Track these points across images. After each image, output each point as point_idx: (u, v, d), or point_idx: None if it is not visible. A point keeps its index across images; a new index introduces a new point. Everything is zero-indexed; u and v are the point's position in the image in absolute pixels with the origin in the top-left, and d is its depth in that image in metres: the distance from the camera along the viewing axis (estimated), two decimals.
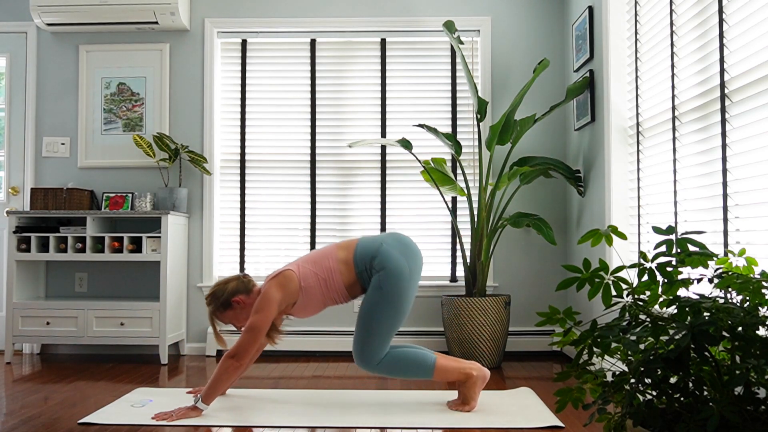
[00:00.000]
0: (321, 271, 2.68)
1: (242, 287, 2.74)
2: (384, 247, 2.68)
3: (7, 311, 3.90)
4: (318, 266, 2.69)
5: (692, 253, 1.57)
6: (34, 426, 2.49)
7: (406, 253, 2.69)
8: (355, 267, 2.68)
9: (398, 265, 2.64)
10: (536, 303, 4.20)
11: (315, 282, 2.67)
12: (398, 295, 2.63)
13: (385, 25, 4.28)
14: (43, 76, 4.35)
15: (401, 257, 2.66)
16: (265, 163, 4.32)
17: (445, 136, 3.78)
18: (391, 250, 2.66)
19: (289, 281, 2.65)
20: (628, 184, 3.32)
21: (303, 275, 2.67)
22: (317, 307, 2.74)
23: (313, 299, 2.70)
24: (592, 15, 3.65)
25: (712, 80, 2.42)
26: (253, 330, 2.58)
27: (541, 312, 1.70)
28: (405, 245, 2.72)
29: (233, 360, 2.58)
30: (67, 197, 4.01)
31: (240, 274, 2.80)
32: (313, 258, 2.73)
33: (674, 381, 1.45)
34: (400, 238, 2.75)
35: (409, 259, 2.68)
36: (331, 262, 2.69)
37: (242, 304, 2.72)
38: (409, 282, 2.65)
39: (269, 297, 2.61)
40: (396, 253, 2.66)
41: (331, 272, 2.68)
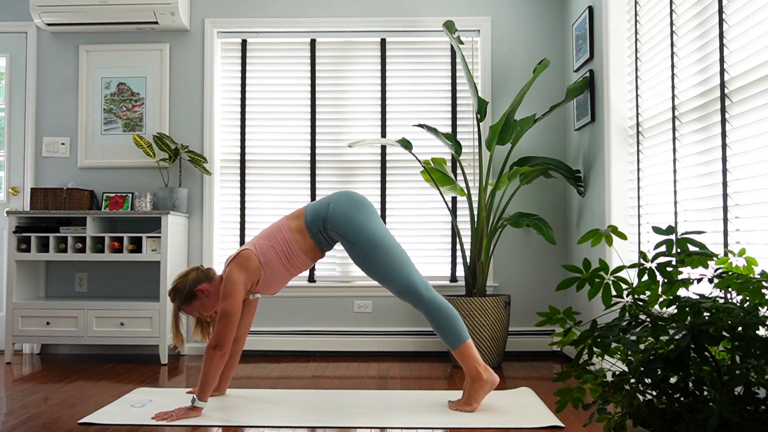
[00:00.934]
0: (277, 244, 2.72)
1: (203, 276, 2.76)
2: (331, 206, 2.74)
3: (7, 311, 3.90)
4: (273, 239, 2.73)
5: (692, 253, 1.57)
6: (34, 426, 2.49)
7: (352, 204, 2.75)
8: (308, 232, 2.75)
9: (349, 216, 2.71)
10: (536, 303, 4.20)
11: (274, 255, 2.71)
12: (369, 236, 2.69)
13: (385, 25, 4.28)
14: (43, 76, 4.35)
15: (348, 209, 2.73)
16: (265, 163, 4.32)
17: (445, 136, 3.78)
18: (338, 208, 2.73)
19: (248, 260, 2.68)
20: (628, 184, 3.32)
21: (261, 251, 2.71)
22: (282, 280, 2.79)
23: (276, 272, 2.73)
24: (592, 15, 3.65)
25: (712, 80, 2.42)
26: (227, 316, 2.60)
27: (541, 312, 1.70)
28: (349, 198, 2.78)
29: (216, 350, 2.59)
30: (67, 197, 4.01)
31: (197, 265, 2.82)
32: (266, 233, 2.77)
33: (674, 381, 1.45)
34: (344, 193, 2.82)
35: (356, 208, 2.74)
36: (285, 233, 2.74)
37: (206, 292, 2.73)
38: (368, 222, 2.72)
39: (233, 279, 2.63)
40: (343, 208, 2.73)
41: (287, 242, 2.73)
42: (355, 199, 2.79)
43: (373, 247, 2.69)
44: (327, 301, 4.21)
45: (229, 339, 2.60)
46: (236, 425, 2.49)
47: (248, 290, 2.74)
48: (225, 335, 2.60)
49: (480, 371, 2.69)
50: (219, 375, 2.63)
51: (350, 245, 2.71)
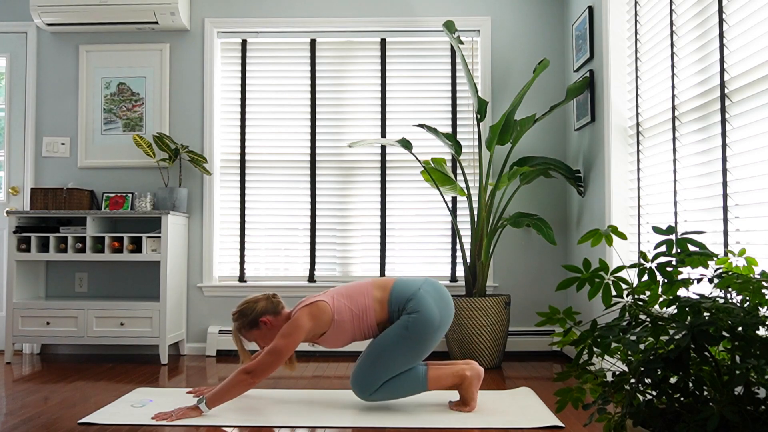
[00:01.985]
0: (355, 307, 2.68)
1: (271, 308, 2.73)
2: (421, 292, 2.68)
3: (7, 311, 3.90)
4: (353, 302, 2.69)
5: (692, 253, 1.57)
6: (34, 426, 2.49)
7: (441, 303, 2.70)
8: (389, 307, 2.69)
9: (431, 313, 2.64)
10: (536, 303, 4.20)
11: (348, 317, 2.67)
12: (422, 341, 2.63)
13: (385, 25, 4.28)
14: (43, 76, 4.35)
15: (435, 306, 2.67)
16: (265, 163, 4.32)
17: (445, 136, 3.78)
18: (427, 297, 2.67)
19: (322, 312, 2.64)
20: (628, 184, 3.32)
21: (337, 309, 2.67)
22: (346, 340, 2.74)
23: (344, 332, 2.70)
24: (592, 15, 3.65)
25: (712, 80, 2.42)
26: (277, 353, 2.57)
27: (541, 312, 1.70)
28: (441, 294, 2.73)
29: (248, 376, 2.57)
30: (67, 197, 4.01)
31: (269, 294, 2.78)
32: (348, 293, 2.73)
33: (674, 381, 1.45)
34: (437, 286, 2.76)
35: (441, 310, 2.69)
36: (366, 300, 2.70)
37: (269, 324, 2.70)
38: (436, 332, 2.66)
39: (299, 324, 2.60)
40: (431, 300, 2.67)
41: (365, 309, 2.68)
42: (445, 300, 2.72)
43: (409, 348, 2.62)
44: None
45: (267, 373, 2.58)
46: (237, 425, 2.49)
47: (308, 339, 2.71)
48: (266, 370, 2.57)
49: (460, 374, 2.68)
50: (236, 397, 2.62)
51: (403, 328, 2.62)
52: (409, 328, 2.62)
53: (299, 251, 4.29)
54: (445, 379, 2.68)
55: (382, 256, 4.25)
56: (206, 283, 4.21)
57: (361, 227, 4.29)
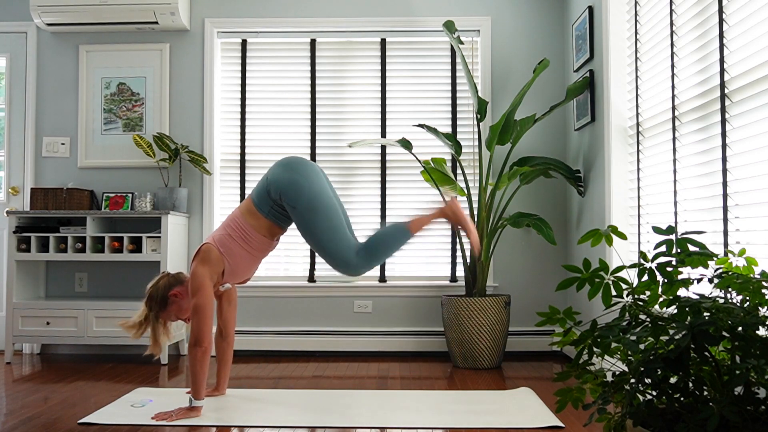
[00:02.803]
0: (233, 231, 2.72)
1: (174, 280, 2.77)
2: (270, 177, 2.72)
3: (7, 311, 3.90)
4: (228, 228, 2.74)
5: (692, 253, 1.57)
6: (34, 426, 2.49)
7: (290, 168, 2.71)
8: (260, 211, 2.72)
9: (288, 180, 2.66)
10: (536, 303, 4.20)
11: (232, 243, 2.70)
12: (309, 198, 2.65)
13: (385, 25, 4.28)
14: (43, 76, 4.35)
15: (287, 173, 2.69)
16: (265, 163, 4.32)
17: (445, 136, 3.78)
18: (276, 176, 2.70)
19: (208, 253, 2.68)
20: (628, 184, 3.32)
21: (219, 242, 2.70)
22: (248, 265, 2.78)
23: (239, 258, 2.73)
24: (592, 15, 3.65)
25: (712, 80, 2.42)
26: (199, 310, 2.61)
27: (541, 312, 1.70)
28: (287, 163, 2.74)
29: (197, 347, 2.60)
30: (67, 197, 4.01)
31: (165, 271, 2.83)
32: (223, 224, 2.78)
33: (674, 381, 1.45)
34: (281, 161, 2.78)
35: (295, 170, 2.69)
36: (238, 220, 2.74)
37: (180, 295, 2.74)
38: (308, 184, 2.66)
39: (197, 274, 2.65)
40: (282, 173, 2.69)
41: (241, 227, 2.72)
42: (292, 162, 2.74)
43: (314, 212, 2.64)
44: (327, 301, 4.21)
45: (206, 333, 2.61)
46: (236, 425, 2.49)
47: (216, 282, 2.74)
48: (202, 330, 2.60)
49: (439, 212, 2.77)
50: (207, 371, 2.63)
51: (292, 210, 2.66)
52: (293, 204, 2.64)
53: (299, 251, 4.29)
54: (425, 220, 2.74)
55: None
56: None
57: (361, 227, 4.28)
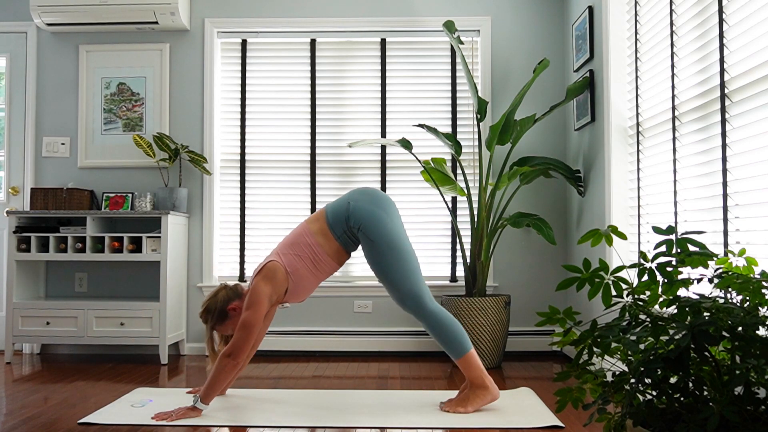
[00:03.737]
0: (302, 251, 2.69)
1: (232, 294, 2.74)
2: (352, 204, 2.71)
3: (7, 311, 3.90)
4: (297, 247, 2.70)
5: (692, 253, 1.57)
6: (34, 426, 2.49)
7: (374, 201, 2.72)
8: (333, 234, 2.71)
9: (372, 213, 2.67)
10: (536, 303, 4.20)
11: (300, 264, 2.68)
12: (389, 236, 2.66)
13: (385, 25, 4.28)
14: (43, 76, 4.35)
15: (371, 206, 2.70)
16: (265, 163, 4.32)
17: (445, 136, 3.78)
18: (359, 205, 2.70)
19: (275, 272, 2.65)
20: (628, 184, 3.32)
21: (287, 262, 2.68)
22: (311, 286, 2.76)
23: (305, 280, 2.71)
24: (592, 15, 3.65)
25: (712, 80, 2.42)
26: (246, 326, 2.58)
27: (541, 312, 1.70)
28: (371, 195, 2.75)
29: (230, 359, 2.58)
30: (67, 197, 4.01)
31: (223, 284, 2.80)
32: (289, 242, 2.74)
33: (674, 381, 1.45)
34: (365, 190, 2.78)
35: (379, 205, 2.71)
36: (308, 238, 2.71)
37: (238, 309, 2.71)
38: (390, 222, 2.69)
39: (258, 292, 2.62)
40: (366, 205, 2.70)
41: (311, 248, 2.70)
42: (376, 196, 2.75)
43: (390, 249, 2.65)
44: (327, 301, 4.21)
45: (245, 349, 2.58)
46: (236, 425, 2.49)
47: (276, 301, 2.72)
48: (242, 345, 2.57)
49: (486, 381, 2.67)
50: (228, 382, 2.62)
51: (369, 243, 2.67)
52: (372, 238, 2.65)
53: None
54: (474, 370, 2.67)
55: None
56: (206, 283, 4.21)
57: None
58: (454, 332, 2.67)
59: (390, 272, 2.66)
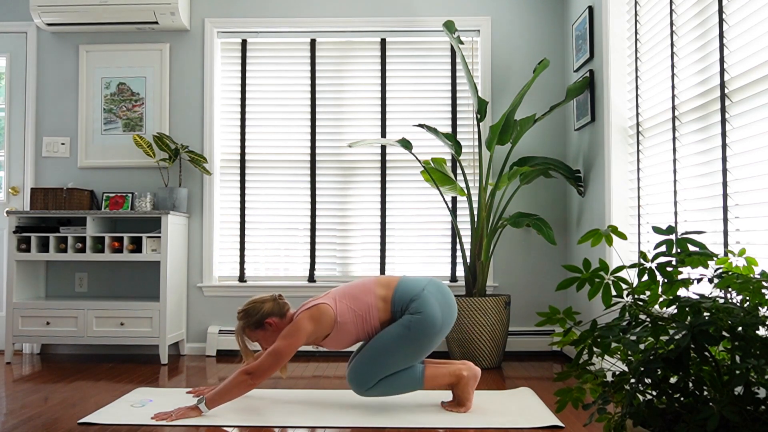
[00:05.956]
0: (359, 308, 2.67)
1: (277, 310, 2.72)
2: (425, 292, 2.66)
3: (7, 311, 3.90)
4: (356, 302, 2.68)
5: (692, 253, 1.57)
6: (34, 426, 2.49)
7: (444, 305, 2.68)
8: (392, 306, 2.68)
9: (434, 314, 2.63)
10: (536, 303, 4.20)
11: (351, 318, 2.66)
12: (423, 342, 2.62)
13: (385, 25, 4.28)
14: (43, 76, 4.35)
15: (439, 307, 2.65)
16: (265, 163, 4.32)
17: (445, 136, 3.78)
18: (431, 298, 2.66)
19: (323, 315, 2.63)
20: (628, 184, 3.32)
21: (340, 311, 2.65)
22: (350, 341, 2.73)
23: (347, 334, 2.69)
24: (592, 15, 3.65)
25: (712, 80, 2.42)
26: (278, 355, 2.57)
27: (541, 312, 1.70)
28: (445, 296, 2.71)
29: (249, 377, 2.56)
30: (67, 197, 4.01)
31: (276, 295, 2.77)
32: (351, 293, 2.71)
33: (674, 381, 1.45)
34: (442, 288, 2.74)
35: (444, 312, 2.67)
36: (369, 299, 2.69)
37: (274, 326, 2.70)
38: (437, 334, 2.64)
39: (300, 327, 2.60)
40: (435, 302, 2.66)
41: (369, 309, 2.67)
42: (449, 301, 2.71)
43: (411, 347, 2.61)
44: None
45: (267, 374, 2.57)
46: (237, 425, 2.49)
47: (313, 341, 2.71)
48: (266, 371, 2.56)
49: (457, 374, 2.68)
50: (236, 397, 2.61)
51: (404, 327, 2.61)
52: (411, 329, 2.61)
53: (299, 251, 4.29)
54: (441, 378, 2.68)
55: (382, 256, 4.25)
56: (206, 283, 4.21)
57: (361, 227, 4.29)
58: (399, 382, 2.66)
59: (385, 357, 2.62)
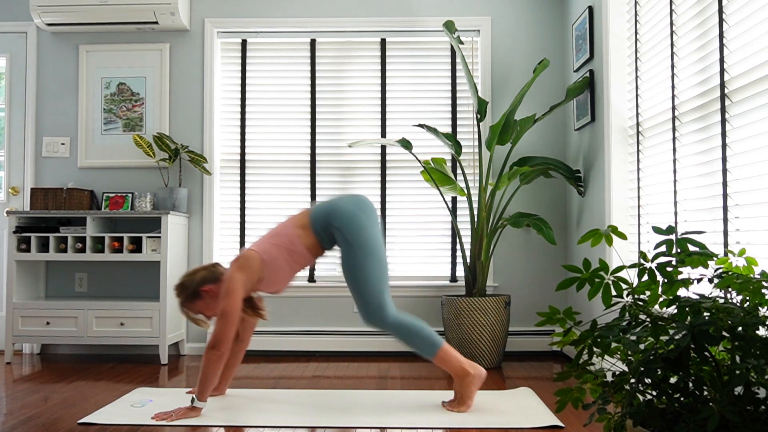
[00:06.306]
0: (281, 241, 2.73)
1: (210, 276, 2.76)
2: (333, 203, 2.77)
3: (7, 311, 3.90)
4: (278, 237, 2.75)
5: (692, 253, 1.57)
6: (34, 426, 2.49)
7: (358, 205, 2.77)
8: (312, 228, 2.75)
9: (354, 215, 2.71)
10: (536, 303, 4.20)
11: (277, 252, 2.71)
12: (366, 240, 2.69)
13: (385, 25, 4.28)
14: (43, 76, 4.35)
15: (354, 208, 2.74)
16: (265, 163, 4.32)
17: (445, 136, 3.78)
18: (342, 205, 2.75)
19: (249, 260, 2.68)
20: (628, 184, 3.32)
21: (264, 250, 2.71)
22: (286, 277, 2.78)
23: (280, 270, 2.73)
24: (592, 15, 3.65)
25: (712, 80, 2.42)
26: (226, 315, 2.60)
27: (541, 312, 1.70)
28: (356, 198, 2.80)
29: (214, 350, 2.59)
30: (67, 197, 4.01)
31: (208, 264, 2.83)
32: (271, 233, 2.79)
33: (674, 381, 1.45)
34: (352, 195, 2.83)
35: (361, 209, 2.75)
36: (289, 230, 2.76)
37: (211, 293, 2.73)
38: (370, 227, 2.72)
39: (233, 279, 2.64)
40: (349, 206, 2.74)
41: (290, 238, 2.74)
42: (361, 201, 2.80)
43: (367, 254, 2.68)
44: (327, 301, 4.21)
45: (227, 339, 2.59)
46: (236, 425, 2.49)
47: (251, 289, 2.74)
48: (224, 335, 2.59)
49: (465, 368, 2.69)
50: (218, 375, 2.63)
51: (347, 245, 2.69)
52: (349, 240, 2.68)
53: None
54: (453, 362, 2.69)
55: None
56: None
57: None
58: (421, 336, 2.68)
59: (360, 277, 2.67)
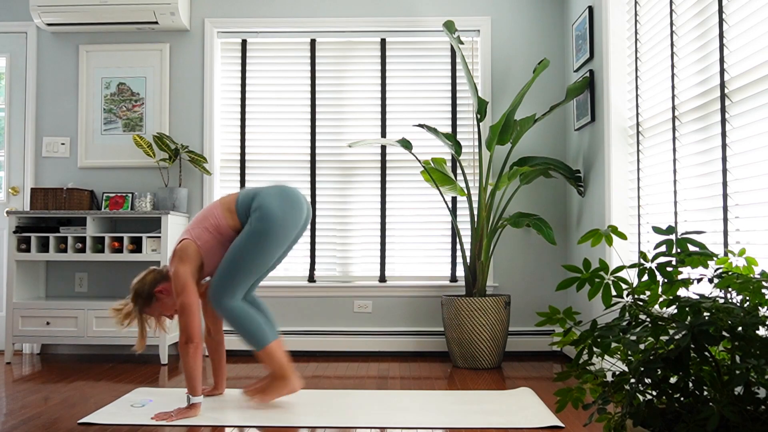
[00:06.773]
0: (210, 225, 2.76)
1: (159, 276, 2.78)
2: (263, 191, 2.77)
3: (7, 311, 3.90)
4: (206, 221, 2.77)
5: (692, 253, 1.57)
6: (34, 426, 2.49)
7: (285, 199, 2.75)
8: (236, 211, 2.77)
9: (271, 208, 2.70)
10: (536, 303, 4.20)
11: (208, 235, 2.74)
12: (265, 235, 2.68)
13: (385, 25, 4.28)
14: (43, 76, 4.35)
15: (278, 201, 2.73)
16: (265, 163, 4.32)
17: (445, 136, 3.78)
18: (267, 196, 2.74)
19: (186, 249, 2.71)
20: (628, 184, 3.32)
21: (196, 236, 2.74)
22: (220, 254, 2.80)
23: (214, 250, 2.76)
24: (592, 15, 3.65)
25: (712, 80, 2.42)
26: (185, 309, 2.63)
27: (541, 312, 1.70)
28: (285, 192, 2.79)
29: (188, 344, 2.61)
30: (67, 197, 4.01)
31: (152, 267, 2.84)
32: (199, 217, 2.81)
33: (674, 381, 1.45)
34: (283, 187, 2.82)
35: (285, 205, 2.74)
36: (217, 212, 2.78)
37: (165, 291, 2.75)
38: (280, 227, 2.70)
39: (180, 273, 2.66)
40: (273, 198, 2.74)
41: (218, 220, 2.76)
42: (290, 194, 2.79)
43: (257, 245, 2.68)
44: (327, 301, 4.21)
45: (195, 330, 2.62)
46: (236, 425, 2.49)
47: (199, 278, 2.77)
48: (191, 328, 2.62)
49: (286, 372, 2.73)
50: (200, 366, 2.64)
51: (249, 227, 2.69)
52: (252, 224, 2.69)
53: (299, 251, 4.29)
54: (277, 360, 2.72)
55: (382, 256, 4.25)
56: None
57: (361, 227, 4.29)
58: (250, 328, 2.71)
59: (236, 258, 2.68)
